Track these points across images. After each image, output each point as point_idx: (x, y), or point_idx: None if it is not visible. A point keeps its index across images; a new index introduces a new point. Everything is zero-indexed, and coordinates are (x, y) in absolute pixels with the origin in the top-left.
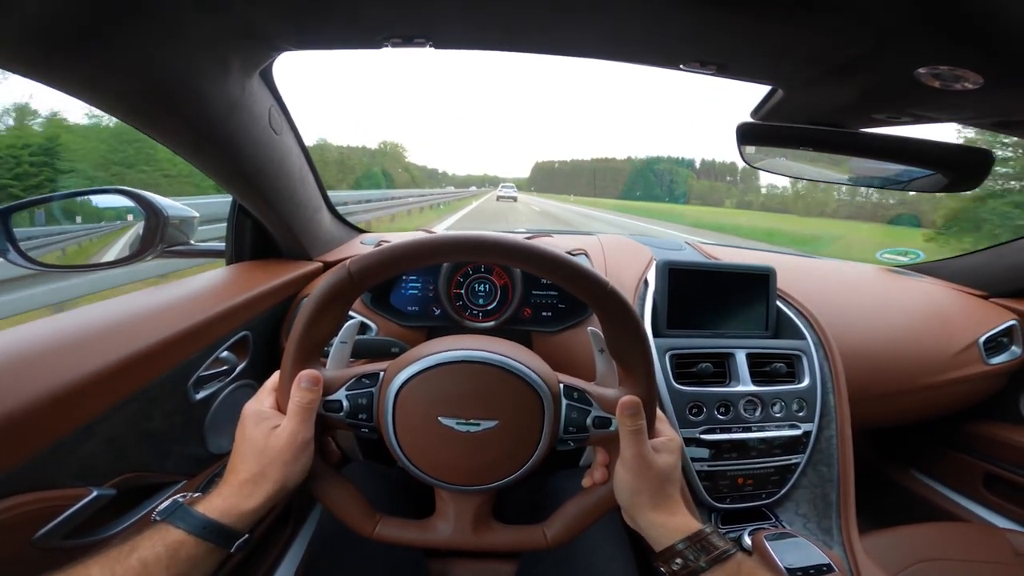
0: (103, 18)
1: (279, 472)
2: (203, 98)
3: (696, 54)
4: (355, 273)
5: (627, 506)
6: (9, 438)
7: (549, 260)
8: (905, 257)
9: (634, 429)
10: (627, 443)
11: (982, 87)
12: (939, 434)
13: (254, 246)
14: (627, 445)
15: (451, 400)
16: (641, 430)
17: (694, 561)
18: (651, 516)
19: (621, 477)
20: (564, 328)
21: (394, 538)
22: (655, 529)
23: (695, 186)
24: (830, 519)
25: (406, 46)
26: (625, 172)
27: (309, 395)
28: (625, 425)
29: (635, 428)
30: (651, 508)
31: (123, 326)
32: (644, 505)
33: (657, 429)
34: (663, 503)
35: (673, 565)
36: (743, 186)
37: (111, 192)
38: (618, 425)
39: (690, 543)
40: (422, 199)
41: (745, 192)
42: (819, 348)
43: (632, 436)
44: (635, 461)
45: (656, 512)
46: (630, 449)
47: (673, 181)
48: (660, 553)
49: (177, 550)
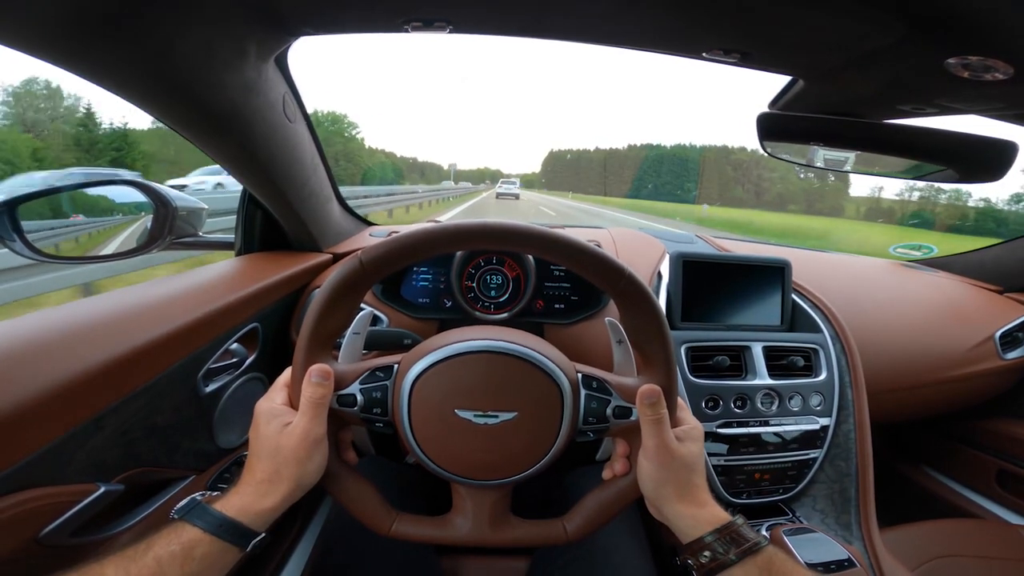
0: (124, 3)
1: (294, 470)
2: (219, 83)
3: (719, 42)
4: (367, 263)
5: (652, 497)
6: (17, 431)
7: (567, 246)
8: (918, 251)
9: (655, 418)
10: (649, 433)
11: (1013, 78)
12: (952, 430)
13: (263, 237)
14: (649, 435)
15: (468, 392)
16: (663, 419)
17: (723, 554)
18: (678, 507)
19: (644, 468)
20: (577, 320)
21: (411, 535)
22: (683, 520)
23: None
24: (848, 514)
25: (426, 30)
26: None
27: (320, 390)
28: (646, 414)
29: (656, 417)
30: (678, 499)
31: (131, 317)
32: (670, 496)
33: (679, 417)
34: (690, 493)
35: (701, 557)
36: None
37: (119, 183)
38: (639, 414)
39: (719, 535)
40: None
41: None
42: (836, 341)
43: (654, 425)
44: (658, 451)
45: (683, 503)
46: (652, 439)
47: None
48: (688, 545)
49: (193, 548)
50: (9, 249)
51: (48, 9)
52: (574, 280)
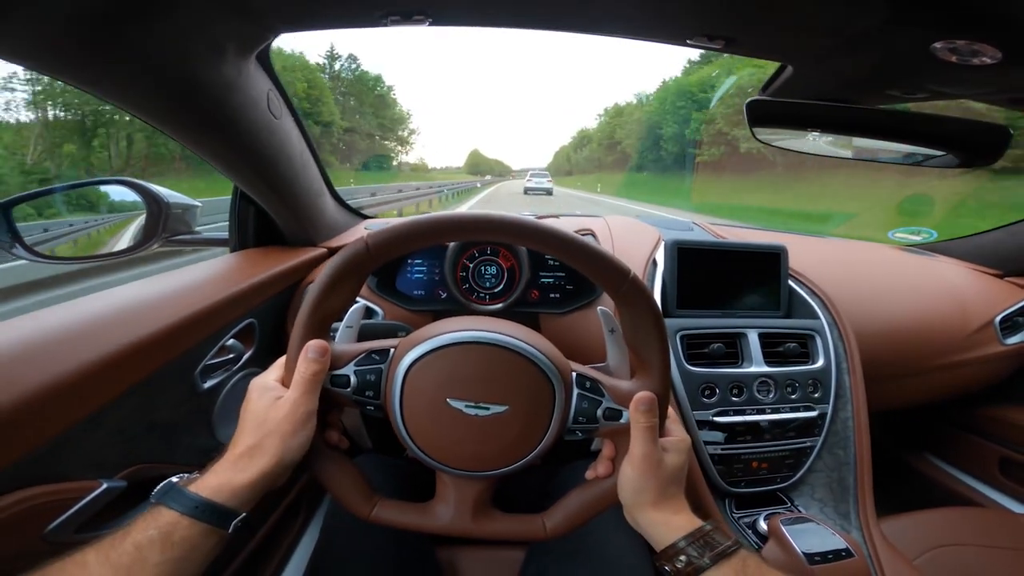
0: (91, 6)
1: (276, 444)
2: (198, 82)
3: (703, 28)
4: (373, 246)
5: (629, 504)
6: (16, 428)
7: (568, 243)
8: (918, 236)
9: (647, 426)
10: (638, 440)
11: (1000, 62)
12: (954, 418)
13: (257, 233)
14: (638, 443)
15: (462, 382)
16: (654, 428)
17: (698, 558)
18: (652, 515)
19: (627, 475)
20: (573, 309)
21: (391, 521)
22: (656, 527)
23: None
24: (847, 503)
25: (405, 23)
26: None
27: (315, 366)
28: (639, 421)
29: (648, 425)
30: (653, 507)
31: (126, 314)
32: (646, 504)
33: (668, 428)
34: (666, 502)
35: (677, 563)
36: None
37: (112, 183)
38: (630, 420)
39: (692, 540)
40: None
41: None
42: (833, 328)
43: (644, 433)
44: (644, 460)
45: (658, 511)
46: (640, 447)
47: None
48: (663, 552)
49: (171, 532)
50: (6, 252)
51: (17, 12)
52: (569, 270)
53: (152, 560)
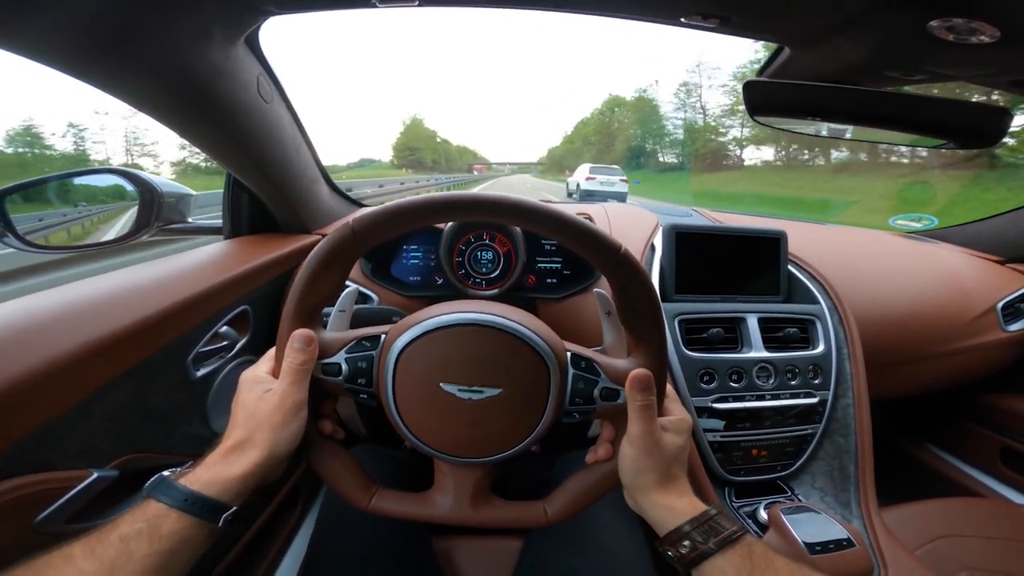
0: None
1: (266, 437)
2: (185, 67)
3: (697, 6)
4: (358, 230)
5: (630, 486)
6: (3, 414)
7: (560, 221)
8: (919, 223)
9: (644, 404)
10: (635, 419)
11: (999, 41)
12: (955, 407)
13: (251, 221)
14: (635, 421)
15: (454, 365)
16: (651, 406)
17: (703, 543)
18: (655, 497)
19: (626, 455)
20: (569, 294)
21: (390, 511)
22: (659, 511)
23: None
24: (848, 492)
25: (394, 4)
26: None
27: (301, 356)
28: (635, 399)
29: (645, 403)
30: (655, 489)
31: (117, 299)
32: (649, 486)
33: (667, 407)
34: (669, 484)
35: (681, 548)
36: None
37: (104, 172)
38: (627, 399)
39: (697, 525)
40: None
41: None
42: (833, 313)
43: (641, 411)
44: (643, 439)
45: (661, 494)
46: (638, 426)
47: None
48: (666, 536)
49: (159, 525)
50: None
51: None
52: (566, 255)
53: (139, 553)
